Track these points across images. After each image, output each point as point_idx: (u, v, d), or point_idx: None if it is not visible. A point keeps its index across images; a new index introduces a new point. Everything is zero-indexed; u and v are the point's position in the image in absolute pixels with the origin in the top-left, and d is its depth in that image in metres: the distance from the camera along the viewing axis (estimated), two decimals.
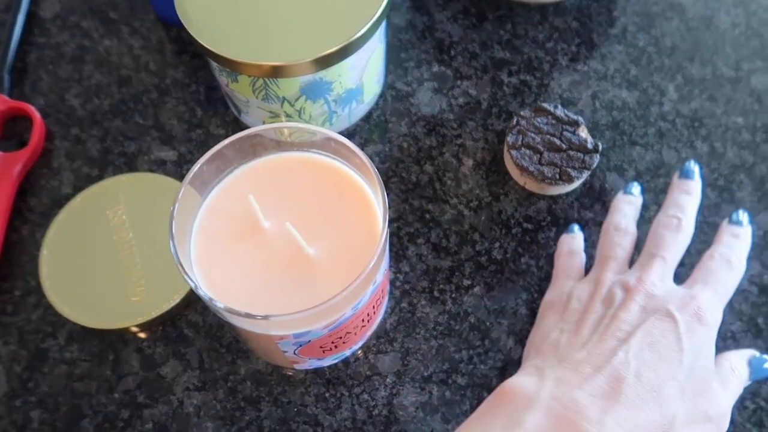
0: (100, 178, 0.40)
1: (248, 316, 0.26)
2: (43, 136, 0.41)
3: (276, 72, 0.34)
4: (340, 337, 0.30)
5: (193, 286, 0.26)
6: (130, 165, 0.41)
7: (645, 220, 0.38)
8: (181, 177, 0.40)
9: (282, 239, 0.29)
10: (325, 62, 0.34)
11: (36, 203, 0.40)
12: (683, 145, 0.40)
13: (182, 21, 0.35)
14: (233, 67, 0.34)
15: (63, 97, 0.43)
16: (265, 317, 0.26)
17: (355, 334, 0.31)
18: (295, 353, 0.30)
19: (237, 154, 0.30)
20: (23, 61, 0.45)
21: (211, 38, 0.34)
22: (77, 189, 0.40)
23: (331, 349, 0.31)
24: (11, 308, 0.36)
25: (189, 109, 0.43)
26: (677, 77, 0.43)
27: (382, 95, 0.42)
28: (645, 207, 0.38)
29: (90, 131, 0.42)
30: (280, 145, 0.30)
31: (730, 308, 0.35)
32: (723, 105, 0.42)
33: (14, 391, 0.34)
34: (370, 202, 0.29)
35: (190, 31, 0.34)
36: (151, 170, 0.40)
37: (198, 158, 0.40)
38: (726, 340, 0.35)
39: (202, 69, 0.44)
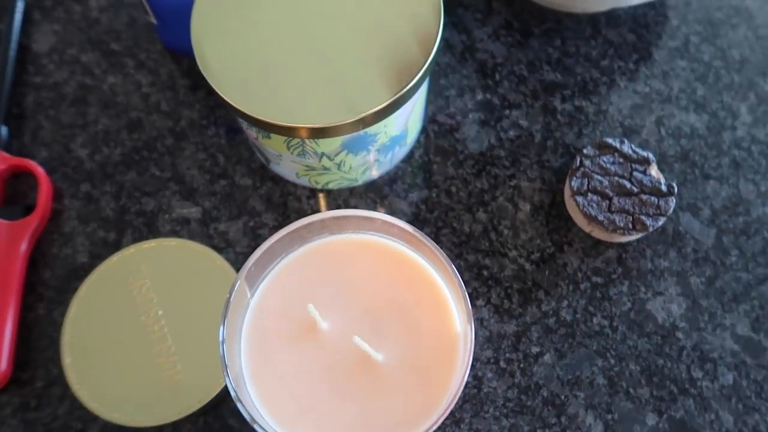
0: (118, 242, 0.36)
1: None
2: (50, 196, 0.37)
3: (317, 133, 0.30)
4: None
5: (246, 415, 0.22)
6: (150, 226, 0.37)
7: (726, 267, 0.34)
8: (207, 238, 0.36)
9: (345, 342, 0.25)
10: (372, 119, 0.29)
11: (50, 276, 0.36)
12: (762, 177, 0.37)
13: (204, 74, 0.30)
14: (268, 128, 0.30)
15: (68, 147, 0.39)
16: None
17: None
18: None
19: (284, 244, 0.26)
20: (19, 105, 0.40)
21: (242, 96, 0.30)
22: (94, 257, 0.36)
23: None
24: (34, 402, 0.33)
25: (209, 156, 0.38)
26: (749, 96, 0.39)
27: (423, 131, 0.38)
28: (723, 252, 0.35)
29: (102, 187, 0.38)
30: (332, 228, 0.27)
31: None
32: None
33: None
34: (443, 293, 0.26)
35: (214, 87, 0.30)
36: (174, 231, 0.36)
37: (224, 214, 0.37)
38: None
39: (220, 108, 0.40)
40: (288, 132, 0.29)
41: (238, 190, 0.37)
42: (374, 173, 0.36)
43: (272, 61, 0.30)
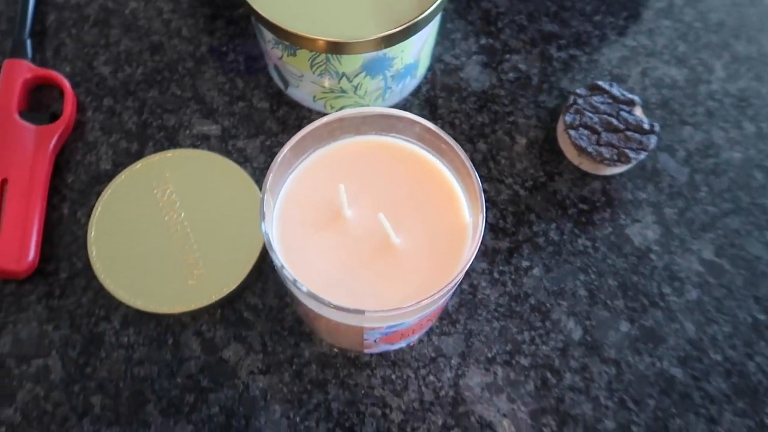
0: (140, 153, 0.38)
1: (343, 309, 0.25)
2: (75, 105, 0.39)
3: (341, 48, 0.32)
4: (422, 325, 0.30)
5: (290, 278, 0.25)
6: (171, 140, 0.39)
7: (696, 201, 0.38)
8: (227, 153, 0.38)
9: (365, 228, 0.28)
10: (396, 38, 0.32)
11: (74, 180, 0.38)
12: (731, 125, 0.41)
13: None
14: (296, 41, 0.32)
15: (91, 64, 0.41)
16: (361, 312, 0.25)
17: (431, 320, 0.31)
18: (375, 341, 0.30)
19: (315, 138, 0.29)
20: (42, 23, 0.42)
21: (274, 9, 0.32)
22: (117, 165, 0.38)
23: (408, 335, 0.30)
24: (59, 291, 0.35)
25: (229, 80, 0.41)
26: (724, 55, 0.43)
27: (431, 68, 0.41)
28: (695, 188, 0.39)
29: (124, 102, 0.40)
30: (358, 129, 0.29)
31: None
32: None
33: (71, 377, 0.33)
34: (454, 190, 0.29)
35: (250, 2, 0.32)
36: (195, 145, 0.39)
37: (242, 133, 0.39)
38: None
39: (239, 36, 0.42)
40: (314, 45, 0.32)
41: (256, 111, 0.40)
42: (386, 102, 0.39)
43: None
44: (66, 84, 0.39)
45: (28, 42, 0.40)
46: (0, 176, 0.35)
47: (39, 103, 0.40)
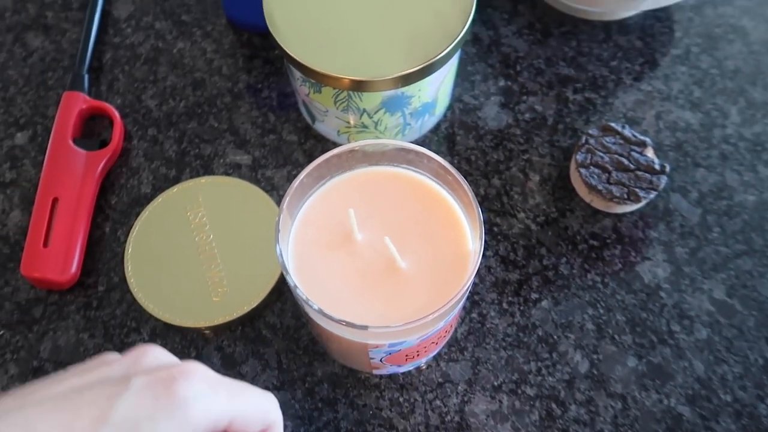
0: (177, 179, 0.42)
1: (348, 324, 0.27)
2: (122, 134, 0.43)
3: (362, 86, 0.35)
4: (426, 347, 0.31)
5: (302, 296, 0.27)
6: (206, 167, 0.42)
7: (708, 241, 0.39)
8: (256, 181, 0.41)
9: (374, 251, 0.30)
10: (412, 78, 0.35)
11: (117, 201, 0.41)
12: (745, 168, 0.41)
13: (271, 32, 0.36)
14: (320, 79, 0.35)
15: (139, 97, 0.45)
16: (365, 327, 0.27)
17: (436, 344, 0.32)
18: (381, 360, 0.31)
19: (332, 166, 0.31)
20: (99, 60, 0.46)
21: (301, 50, 0.35)
22: (156, 189, 0.41)
23: (413, 357, 0.32)
24: (96, 303, 0.38)
25: (262, 114, 0.44)
26: (740, 100, 0.44)
27: (450, 108, 0.44)
28: (707, 228, 0.39)
29: (166, 132, 0.43)
30: (371, 159, 0.32)
31: None
32: None
33: None
34: (459, 218, 0.31)
35: (279, 42, 0.36)
36: (227, 173, 0.42)
37: (271, 163, 0.42)
38: None
39: (274, 75, 0.45)
40: (337, 83, 0.35)
41: (285, 144, 0.43)
42: (405, 137, 0.41)
43: (328, 24, 0.36)
44: (116, 115, 0.43)
45: (86, 77, 0.45)
46: (52, 195, 0.39)
47: (91, 130, 0.44)
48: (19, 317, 0.37)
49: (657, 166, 0.39)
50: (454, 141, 0.43)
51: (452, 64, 0.38)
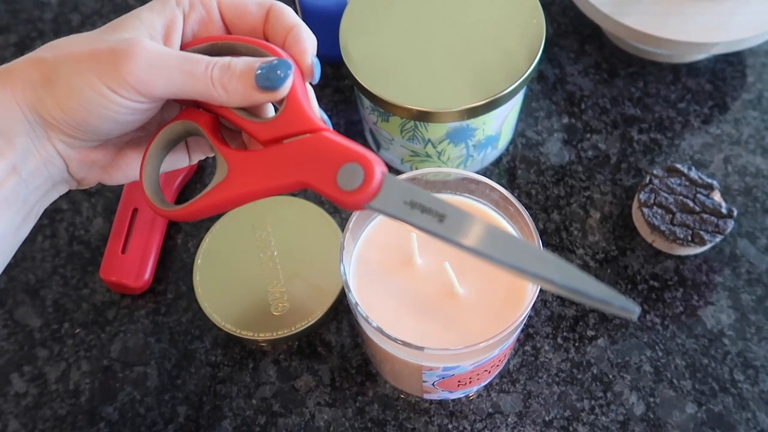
0: None
1: (405, 344, 0.28)
2: None
3: (428, 117, 0.36)
4: (478, 375, 0.31)
5: (362, 313, 0.28)
6: None
7: None
8: (320, 203, 0.43)
9: (433, 276, 0.31)
10: (477, 111, 0.36)
11: None
12: None
13: (346, 62, 0.38)
14: (389, 108, 0.37)
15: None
16: (421, 348, 0.27)
17: (489, 372, 0.33)
18: (433, 385, 0.32)
19: None
20: None
21: (373, 80, 0.37)
22: None
23: (466, 384, 0.32)
24: (164, 309, 0.40)
25: None
26: None
27: (512, 142, 0.44)
28: None
29: None
30: (434, 186, 0.33)
31: None
32: None
33: (164, 386, 0.37)
34: None
35: (352, 72, 0.37)
36: (293, 194, 0.44)
37: None
38: None
39: (342, 103, 0.47)
40: (404, 113, 0.36)
41: None
42: (467, 168, 0.42)
43: (399, 57, 0.38)
44: None
45: None
46: (132, 206, 0.42)
47: None
48: (94, 317, 0.40)
49: (724, 210, 0.38)
50: (515, 174, 0.43)
51: (517, 100, 0.39)
